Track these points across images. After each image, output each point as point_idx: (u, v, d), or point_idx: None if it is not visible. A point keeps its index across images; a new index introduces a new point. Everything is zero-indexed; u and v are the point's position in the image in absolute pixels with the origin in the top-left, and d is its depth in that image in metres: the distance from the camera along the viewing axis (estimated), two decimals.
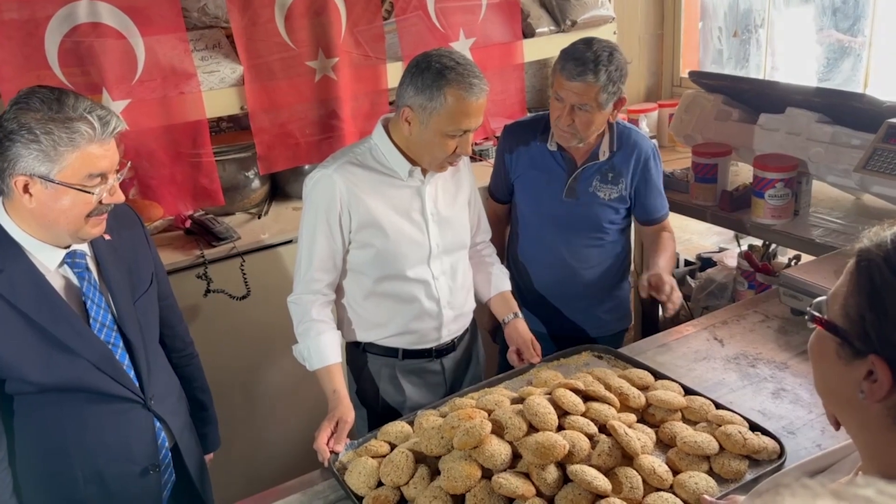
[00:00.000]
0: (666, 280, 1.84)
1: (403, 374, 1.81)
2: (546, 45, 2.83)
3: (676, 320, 1.80)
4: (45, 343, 1.30)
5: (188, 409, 1.66)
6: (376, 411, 1.83)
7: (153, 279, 1.53)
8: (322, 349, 1.65)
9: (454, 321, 1.82)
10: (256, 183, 2.44)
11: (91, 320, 1.37)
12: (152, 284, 1.52)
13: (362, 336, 1.79)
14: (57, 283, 1.34)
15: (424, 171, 1.71)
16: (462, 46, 2.62)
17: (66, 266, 1.36)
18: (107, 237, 1.42)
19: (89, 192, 1.27)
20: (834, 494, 0.38)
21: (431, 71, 1.57)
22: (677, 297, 1.85)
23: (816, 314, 0.82)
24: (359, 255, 1.71)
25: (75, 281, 1.37)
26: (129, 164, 1.42)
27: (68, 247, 1.36)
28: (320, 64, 2.34)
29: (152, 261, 1.55)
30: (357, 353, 1.83)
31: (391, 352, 1.79)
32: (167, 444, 1.53)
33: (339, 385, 1.63)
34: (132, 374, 1.43)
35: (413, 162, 1.68)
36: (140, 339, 1.44)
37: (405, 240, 1.69)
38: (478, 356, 1.98)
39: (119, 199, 1.34)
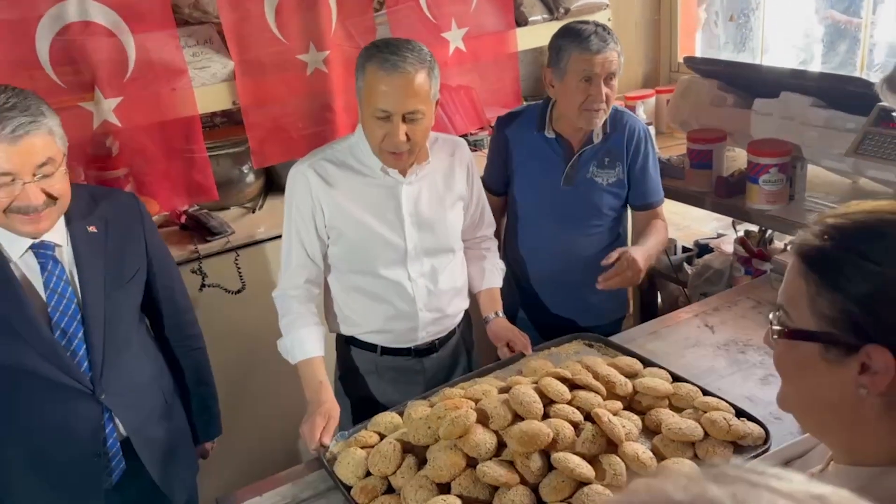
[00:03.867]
0: (633, 257, 1.80)
1: (383, 370, 1.81)
2: (540, 34, 2.82)
3: (674, 306, 1.83)
4: None
5: (167, 401, 1.65)
6: (354, 402, 1.84)
7: (139, 272, 1.55)
8: (304, 342, 1.65)
9: (433, 323, 1.79)
10: (251, 177, 2.46)
11: (50, 309, 1.40)
12: (135, 277, 1.54)
13: (345, 329, 1.81)
14: (20, 271, 1.40)
15: (404, 171, 1.68)
16: (454, 37, 2.61)
17: (31, 255, 1.40)
18: (91, 229, 1.46)
19: None
20: (714, 479, 0.40)
21: (362, 53, 1.57)
22: (632, 272, 1.79)
23: (786, 328, 0.78)
24: (334, 252, 1.72)
25: (38, 270, 1.41)
26: (64, 160, 1.39)
27: (36, 237, 1.40)
28: (311, 57, 2.34)
29: (144, 254, 1.57)
30: (342, 344, 1.85)
31: (371, 347, 1.80)
32: (115, 434, 1.53)
33: (324, 377, 1.64)
34: (86, 365, 1.45)
35: None
36: (101, 332, 1.46)
37: (377, 239, 1.68)
38: (468, 360, 1.95)
39: (28, 201, 1.32)
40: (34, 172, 1.32)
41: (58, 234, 1.43)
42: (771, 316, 0.82)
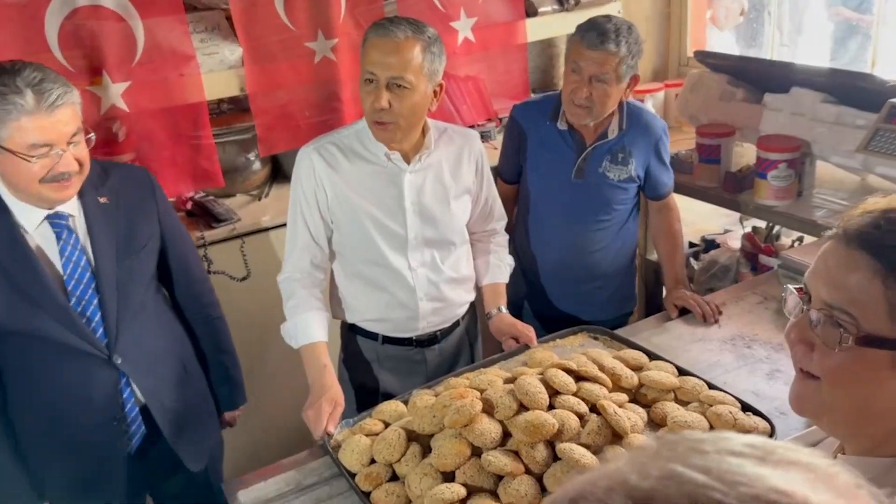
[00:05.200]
0: (691, 301, 1.92)
1: (384, 359, 1.80)
2: (549, 25, 2.81)
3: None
4: (12, 291, 1.41)
5: (186, 369, 1.69)
6: (357, 390, 1.84)
7: (152, 241, 1.59)
8: (308, 326, 1.65)
9: (434, 314, 1.78)
10: (257, 165, 2.45)
11: (66, 277, 1.46)
12: (148, 246, 1.58)
13: (348, 317, 1.81)
14: (35, 241, 1.46)
15: (408, 159, 1.68)
16: (463, 26, 2.60)
17: (47, 225, 1.46)
18: (103, 200, 1.52)
19: (28, 160, 1.36)
20: (669, 458, 0.40)
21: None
22: (707, 309, 1.90)
23: (860, 333, 0.72)
24: (336, 238, 1.72)
25: (54, 239, 1.46)
26: (92, 136, 1.47)
27: (52, 208, 1.46)
28: (320, 45, 2.33)
29: (157, 225, 1.61)
30: (346, 332, 1.85)
31: (373, 335, 1.79)
32: (133, 399, 1.59)
33: (328, 361, 1.63)
34: (101, 330, 1.50)
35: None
36: (115, 298, 1.50)
37: (377, 227, 1.68)
38: (471, 353, 1.94)
39: (67, 167, 1.40)
40: (68, 141, 1.39)
41: (71, 205, 1.48)
42: (820, 315, 0.76)
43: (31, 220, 1.45)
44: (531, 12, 2.74)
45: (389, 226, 1.68)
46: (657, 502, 0.37)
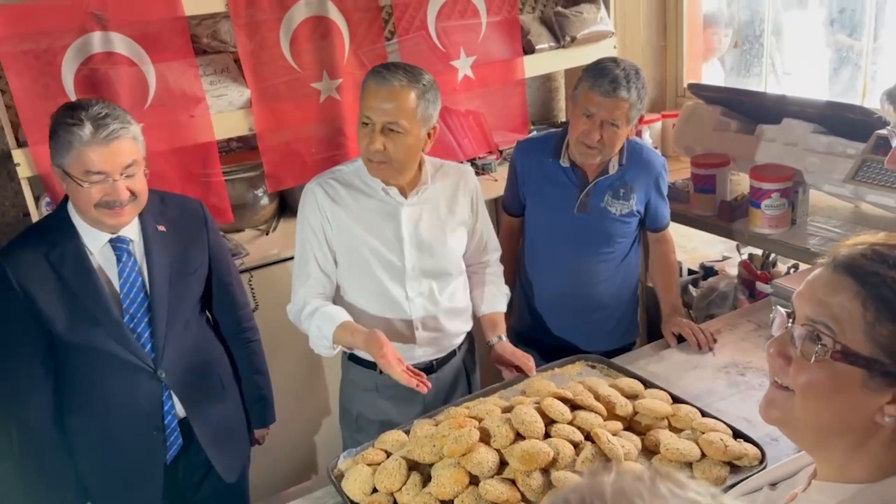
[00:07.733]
0: (687, 329, 1.97)
1: (382, 388, 1.85)
2: (546, 61, 2.89)
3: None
4: (74, 306, 1.56)
5: (224, 386, 1.81)
6: (356, 418, 1.89)
7: (200, 268, 1.73)
8: (331, 316, 1.70)
9: (431, 343, 1.83)
10: (265, 200, 2.52)
11: (122, 295, 1.61)
12: (197, 272, 1.73)
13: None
14: (98, 261, 1.60)
15: (405, 193, 1.76)
16: (463, 64, 2.69)
17: (109, 248, 1.60)
18: (161, 228, 1.67)
19: (81, 186, 1.49)
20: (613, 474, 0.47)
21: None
22: (702, 338, 1.95)
23: (838, 346, 0.77)
24: (337, 268, 1.79)
25: (114, 261, 1.61)
26: (145, 170, 1.59)
27: (114, 233, 1.60)
28: (325, 85, 2.42)
29: (206, 254, 1.75)
30: (345, 361, 1.91)
31: (371, 364, 1.83)
32: (173, 412, 1.70)
33: (359, 328, 1.68)
34: (149, 346, 1.63)
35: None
36: (164, 318, 1.64)
37: (376, 258, 1.75)
38: (468, 383, 1.98)
39: (116, 196, 1.52)
40: (122, 172, 1.52)
41: (132, 231, 1.63)
42: (802, 329, 0.81)
43: (95, 243, 1.59)
44: (528, 49, 2.83)
45: (388, 257, 1.75)
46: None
